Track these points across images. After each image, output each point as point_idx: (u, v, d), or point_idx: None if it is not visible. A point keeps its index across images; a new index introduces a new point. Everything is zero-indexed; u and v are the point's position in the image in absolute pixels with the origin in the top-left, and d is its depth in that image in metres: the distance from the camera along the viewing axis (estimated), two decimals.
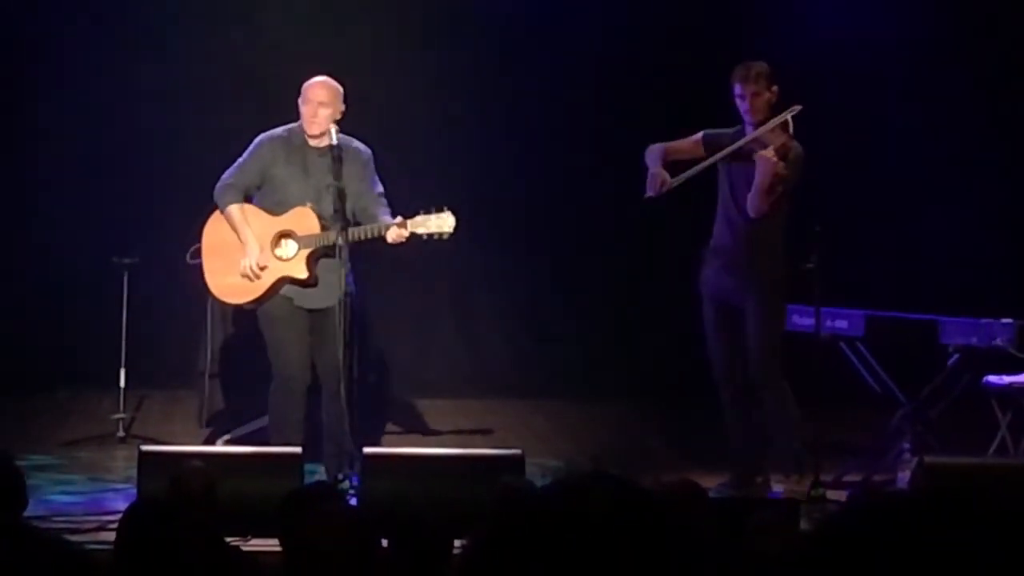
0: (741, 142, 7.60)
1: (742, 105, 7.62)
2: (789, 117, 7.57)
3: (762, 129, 7.57)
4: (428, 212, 7.52)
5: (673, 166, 7.71)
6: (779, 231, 7.66)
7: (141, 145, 10.50)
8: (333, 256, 7.47)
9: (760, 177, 7.52)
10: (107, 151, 10.43)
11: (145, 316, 9.45)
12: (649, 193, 7.66)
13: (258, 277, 7.58)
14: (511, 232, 10.93)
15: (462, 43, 10.80)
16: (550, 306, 11.08)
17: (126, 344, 8.96)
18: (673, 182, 7.62)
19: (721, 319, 7.77)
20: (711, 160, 7.65)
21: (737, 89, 7.61)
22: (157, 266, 9.41)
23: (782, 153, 7.53)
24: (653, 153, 7.78)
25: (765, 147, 7.53)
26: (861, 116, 10.63)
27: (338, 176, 7.49)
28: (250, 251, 7.58)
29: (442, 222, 7.52)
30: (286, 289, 7.64)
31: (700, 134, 7.78)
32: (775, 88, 7.60)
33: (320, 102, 7.57)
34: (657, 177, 7.63)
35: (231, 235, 7.66)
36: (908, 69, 10.66)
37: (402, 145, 9.62)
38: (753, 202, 7.57)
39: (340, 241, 7.41)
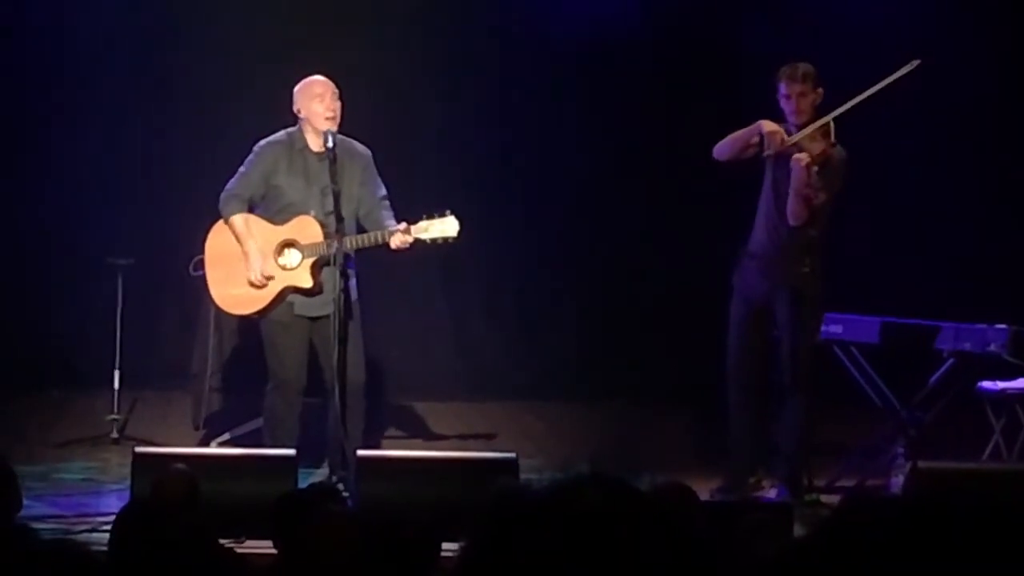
0: (790, 142, 7.47)
1: (787, 105, 7.52)
2: (831, 122, 7.49)
3: (801, 134, 7.46)
4: (431, 217, 7.51)
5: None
6: (819, 238, 7.56)
7: (136, 146, 10.49)
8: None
9: (793, 183, 7.44)
10: (102, 152, 10.42)
11: (139, 317, 9.45)
12: (768, 151, 7.48)
13: (264, 286, 7.58)
14: (506, 234, 10.93)
15: (461, 43, 10.80)
16: (545, 308, 11.09)
17: (120, 345, 8.95)
18: (790, 140, 7.46)
19: (749, 319, 7.72)
20: (775, 149, 7.46)
21: (782, 89, 7.52)
22: (151, 267, 9.41)
23: (820, 160, 7.44)
24: (727, 141, 7.61)
25: (802, 152, 7.46)
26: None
27: (335, 180, 7.49)
28: (252, 262, 7.57)
29: (445, 226, 7.51)
30: (288, 297, 7.64)
31: (759, 123, 7.61)
32: (820, 90, 7.52)
33: (334, 92, 7.58)
34: (776, 135, 7.44)
35: (234, 246, 7.65)
36: (913, 75, 10.64)
37: (400, 146, 9.62)
38: (792, 208, 7.47)
39: (335, 245, 7.41)
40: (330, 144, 7.51)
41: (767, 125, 7.50)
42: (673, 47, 10.81)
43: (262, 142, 7.71)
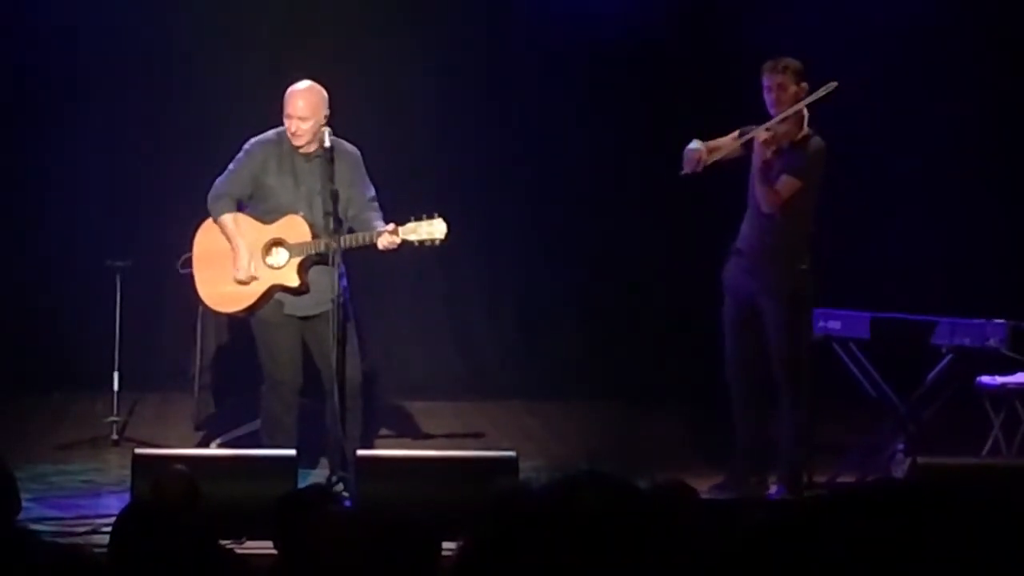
0: (752, 132, 7.53)
1: (768, 97, 7.56)
2: (805, 111, 7.53)
3: (773, 121, 7.50)
4: (419, 219, 7.50)
5: (712, 165, 7.61)
6: (801, 232, 7.58)
7: (133, 148, 10.48)
8: (324, 263, 7.48)
9: (754, 160, 7.48)
10: (100, 154, 10.42)
11: (138, 319, 9.44)
12: (685, 170, 7.56)
13: (249, 283, 7.58)
14: (504, 233, 10.93)
15: (460, 43, 10.79)
16: (543, 308, 11.08)
17: (119, 347, 8.95)
18: (709, 159, 7.51)
19: (739, 318, 7.72)
20: (743, 139, 7.55)
21: (765, 81, 7.56)
22: (150, 269, 9.40)
23: (784, 140, 7.48)
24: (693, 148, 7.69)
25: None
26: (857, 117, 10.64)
27: (330, 179, 7.48)
28: (241, 260, 7.57)
29: (433, 228, 7.50)
30: (278, 296, 7.64)
31: (737, 131, 7.68)
32: (804, 85, 7.54)
33: (300, 117, 7.49)
34: (695, 153, 7.52)
35: (222, 244, 7.65)
36: (907, 72, 10.66)
37: (395, 146, 9.62)
38: (758, 191, 7.52)
39: (333, 244, 7.41)
40: (327, 144, 7.50)
41: (694, 143, 7.56)
42: (673, 46, 10.80)
43: (252, 140, 7.70)
